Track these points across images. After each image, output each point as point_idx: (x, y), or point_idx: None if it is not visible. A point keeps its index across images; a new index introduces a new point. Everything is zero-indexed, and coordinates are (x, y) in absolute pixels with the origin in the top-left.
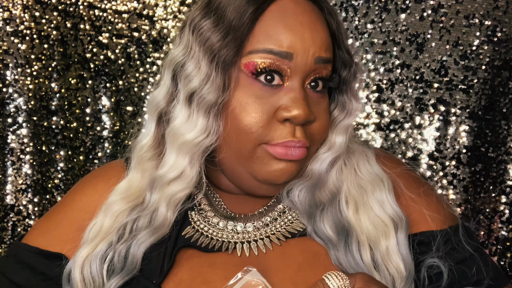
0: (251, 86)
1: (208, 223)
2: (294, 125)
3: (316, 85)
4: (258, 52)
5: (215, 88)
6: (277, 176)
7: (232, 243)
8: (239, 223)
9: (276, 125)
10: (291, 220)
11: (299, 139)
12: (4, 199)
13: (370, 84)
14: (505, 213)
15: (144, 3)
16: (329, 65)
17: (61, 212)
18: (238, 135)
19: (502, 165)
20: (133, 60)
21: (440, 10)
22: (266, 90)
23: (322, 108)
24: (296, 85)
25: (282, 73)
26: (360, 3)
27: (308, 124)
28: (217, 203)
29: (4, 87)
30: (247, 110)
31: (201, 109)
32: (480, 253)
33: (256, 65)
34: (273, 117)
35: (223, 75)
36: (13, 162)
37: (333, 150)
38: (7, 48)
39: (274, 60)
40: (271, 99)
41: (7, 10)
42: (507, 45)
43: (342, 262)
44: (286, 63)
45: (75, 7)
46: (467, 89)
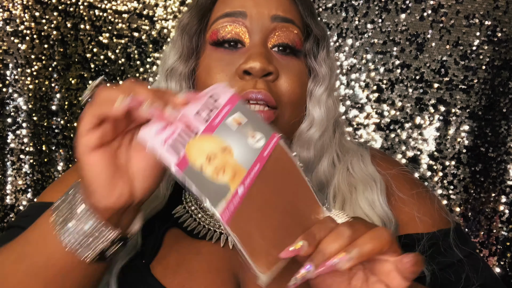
0: (215, 53)
1: (199, 206)
2: (255, 78)
3: (284, 49)
4: (217, 19)
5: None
6: None
7: (217, 232)
8: None
9: (237, 82)
10: None
11: (259, 89)
12: (4, 199)
13: (370, 84)
14: (505, 213)
15: (144, 3)
16: (291, 26)
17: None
18: None
19: (502, 165)
20: (133, 60)
21: (440, 10)
22: (228, 53)
23: (290, 69)
24: (255, 43)
25: (240, 37)
26: (360, 3)
27: (272, 81)
28: None
29: (4, 87)
30: (210, 73)
31: (173, 79)
32: (473, 259)
33: (217, 33)
34: (235, 75)
35: (190, 45)
36: (13, 162)
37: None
38: (7, 48)
39: (230, 21)
40: (233, 60)
41: (7, 10)
42: (507, 45)
43: None
44: (241, 22)
45: (75, 7)
46: (467, 89)
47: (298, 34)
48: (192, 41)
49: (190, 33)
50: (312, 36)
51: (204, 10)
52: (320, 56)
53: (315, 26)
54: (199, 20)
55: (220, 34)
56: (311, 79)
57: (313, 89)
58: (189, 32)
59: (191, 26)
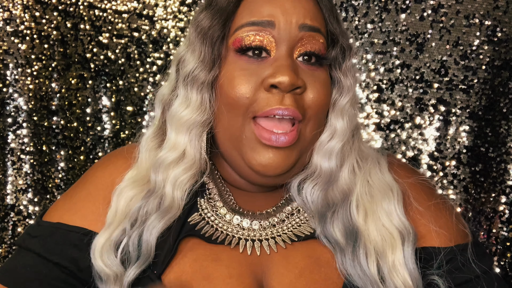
0: (238, 61)
1: (215, 212)
2: (282, 92)
3: (309, 59)
4: (242, 27)
5: (205, 66)
6: (265, 166)
7: (236, 238)
8: (246, 219)
9: (263, 94)
10: (299, 223)
11: (286, 106)
12: (4, 199)
13: (370, 84)
14: (505, 213)
15: (144, 3)
16: (317, 35)
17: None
18: (228, 109)
19: (502, 165)
20: (133, 60)
21: (440, 10)
22: (253, 62)
23: (316, 79)
24: (282, 54)
25: (267, 47)
26: (360, 3)
27: (300, 94)
28: (227, 196)
29: (4, 87)
30: (233, 83)
31: (194, 87)
32: (489, 276)
33: (241, 41)
34: (260, 86)
35: (212, 52)
36: (14, 162)
37: (336, 136)
38: (7, 48)
39: (257, 30)
40: (258, 71)
41: (7, 10)
42: (507, 45)
43: (348, 267)
44: (268, 31)
45: (75, 7)
46: (467, 89)
47: (324, 43)
48: (215, 48)
49: (213, 38)
50: (338, 45)
51: (228, 14)
52: (345, 66)
53: (341, 36)
54: (222, 25)
55: (244, 42)
56: (335, 90)
57: (337, 100)
58: (212, 37)
59: (214, 32)
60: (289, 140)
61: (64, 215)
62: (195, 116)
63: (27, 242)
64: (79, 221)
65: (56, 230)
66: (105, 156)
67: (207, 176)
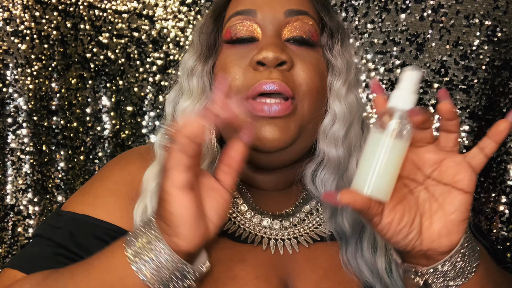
0: (230, 50)
1: (236, 209)
2: (269, 68)
3: (299, 42)
4: (230, 18)
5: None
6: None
7: (258, 236)
8: (266, 218)
9: (251, 73)
10: (319, 222)
11: (273, 79)
12: (4, 199)
13: (370, 84)
14: (505, 213)
15: (144, 3)
16: (305, 17)
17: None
18: None
19: (502, 165)
20: (133, 60)
21: (440, 10)
22: (243, 47)
23: (306, 57)
24: (268, 35)
25: (253, 34)
26: (360, 3)
27: (288, 70)
28: (246, 194)
29: (4, 87)
30: (224, 68)
31: (194, 77)
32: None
33: (230, 32)
34: (249, 67)
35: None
36: (13, 162)
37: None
38: (7, 48)
39: (242, 19)
40: (247, 54)
41: (7, 10)
42: (507, 45)
43: (349, 257)
44: (252, 19)
45: (75, 7)
46: (467, 89)
47: (314, 25)
48: (210, 40)
49: (207, 32)
50: (327, 29)
51: (220, 10)
52: (335, 49)
53: (329, 19)
54: (214, 19)
55: (233, 32)
56: (330, 72)
57: (332, 82)
58: (206, 31)
59: (208, 26)
60: (282, 108)
61: (87, 208)
62: (197, 104)
63: (49, 232)
64: (106, 216)
65: (83, 222)
66: (120, 154)
67: None
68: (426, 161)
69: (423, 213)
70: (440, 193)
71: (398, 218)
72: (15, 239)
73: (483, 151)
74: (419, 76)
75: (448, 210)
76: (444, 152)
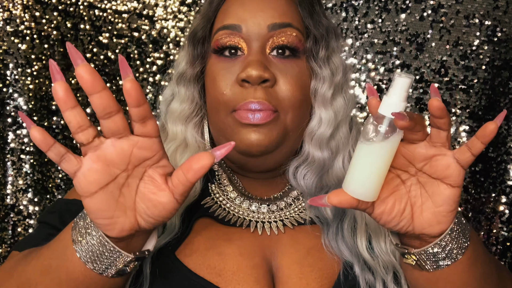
0: (219, 62)
1: (226, 197)
2: (253, 86)
3: (283, 52)
4: (218, 30)
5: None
6: (247, 145)
7: (247, 220)
8: (255, 203)
9: (238, 89)
10: (304, 207)
11: (258, 99)
12: (4, 199)
13: (370, 82)
14: (505, 213)
15: (144, 3)
16: (289, 29)
17: None
18: (213, 106)
19: (502, 165)
20: (133, 60)
21: (440, 10)
22: (229, 61)
23: (289, 72)
24: (253, 51)
25: (238, 45)
26: (360, 3)
27: (271, 87)
28: (236, 181)
29: (4, 87)
30: (214, 82)
31: (182, 83)
32: None
33: (218, 43)
34: (235, 83)
35: (194, 51)
36: (13, 162)
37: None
38: (7, 48)
39: (228, 34)
40: (233, 69)
41: (7, 10)
42: (507, 45)
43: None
44: (237, 34)
45: (75, 7)
46: (467, 89)
47: (298, 35)
48: (197, 47)
49: (196, 39)
50: (312, 37)
51: (208, 18)
52: (319, 57)
53: (313, 27)
54: (202, 27)
55: (220, 45)
56: (314, 79)
57: (317, 88)
58: (195, 38)
59: (196, 33)
60: (264, 116)
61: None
62: (185, 107)
63: (45, 217)
64: None
65: (72, 205)
66: None
67: (216, 164)
68: (417, 155)
69: (414, 202)
70: (430, 185)
71: (389, 208)
72: (15, 239)
73: (471, 150)
74: (409, 83)
75: (437, 202)
76: (435, 148)
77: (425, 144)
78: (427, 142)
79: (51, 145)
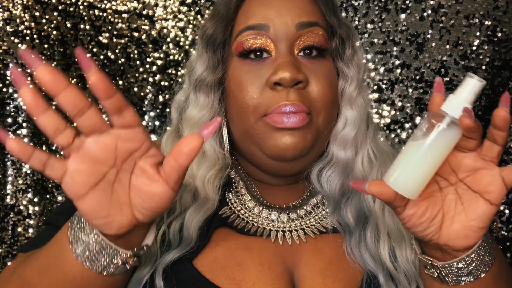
0: (243, 66)
1: (244, 206)
2: (286, 88)
3: (310, 52)
4: (241, 32)
5: (210, 70)
6: (283, 149)
7: (267, 229)
8: (274, 211)
9: (269, 93)
10: (325, 216)
11: (292, 101)
12: (4, 199)
13: (370, 84)
14: (505, 213)
15: (144, 3)
16: (316, 28)
17: None
18: (238, 112)
19: (502, 165)
20: (133, 60)
21: (440, 10)
22: (256, 64)
23: (319, 72)
24: (282, 52)
25: (266, 47)
26: (360, 3)
27: (303, 88)
28: (253, 190)
29: (4, 87)
30: (241, 86)
31: (202, 89)
32: None
33: (242, 45)
34: (265, 86)
35: (215, 56)
36: (13, 162)
37: (348, 124)
38: (7, 48)
39: (254, 34)
40: (261, 72)
41: (7, 10)
42: (507, 45)
43: (352, 247)
44: (265, 34)
45: (75, 7)
46: None
47: (324, 35)
48: (218, 52)
49: (215, 44)
50: (337, 36)
51: (227, 20)
52: (346, 56)
53: (338, 26)
54: (223, 30)
55: (245, 45)
56: (341, 79)
57: (344, 88)
58: (214, 43)
59: (215, 37)
60: (300, 119)
61: None
62: (204, 115)
63: (53, 218)
64: None
65: None
66: None
67: (233, 171)
68: (463, 165)
69: (446, 211)
70: (467, 198)
71: (420, 212)
72: (15, 239)
73: None
74: (480, 86)
75: (470, 215)
76: (483, 161)
77: (474, 155)
78: (477, 153)
79: (31, 154)
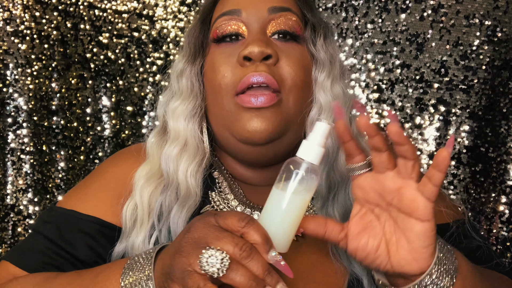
0: (218, 49)
1: (227, 205)
2: (255, 62)
3: (284, 36)
4: (216, 19)
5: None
6: (250, 131)
7: None
8: (257, 211)
9: (239, 70)
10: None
11: (260, 72)
12: (4, 199)
13: (370, 84)
14: (505, 213)
15: (144, 3)
16: (288, 14)
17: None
18: (213, 92)
19: (502, 165)
20: (133, 60)
21: (440, 10)
22: (229, 46)
23: (291, 53)
24: (254, 32)
25: (239, 31)
26: (360, 3)
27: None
28: (237, 190)
29: (4, 87)
30: (213, 68)
31: (183, 77)
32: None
33: (216, 31)
34: (236, 64)
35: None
36: (14, 162)
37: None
38: (7, 48)
39: (227, 19)
40: (234, 51)
41: (7, 10)
42: (507, 45)
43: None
44: (238, 18)
45: (75, 7)
46: (467, 89)
47: (297, 20)
48: (197, 42)
49: (195, 35)
50: (310, 24)
51: (206, 13)
52: (318, 43)
53: (311, 15)
54: (202, 21)
55: (219, 31)
56: (314, 66)
57: (317, 75)
58: (194, 34)
59: (195, 29)
60: (268, 99)
61: (76, 203)
62: (187, 103)
63: (41, 227)
64: (90, 210)
65: (69, 217)
66: (115, 153)
67: (216, 170)
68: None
69: (389, 239)
70: (401, 220)
71: (362, 245)
72: (15, 239)
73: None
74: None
75: (410, 238)
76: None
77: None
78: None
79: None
